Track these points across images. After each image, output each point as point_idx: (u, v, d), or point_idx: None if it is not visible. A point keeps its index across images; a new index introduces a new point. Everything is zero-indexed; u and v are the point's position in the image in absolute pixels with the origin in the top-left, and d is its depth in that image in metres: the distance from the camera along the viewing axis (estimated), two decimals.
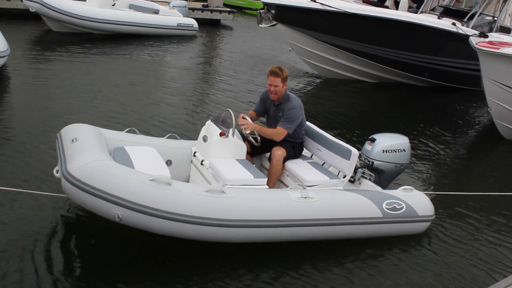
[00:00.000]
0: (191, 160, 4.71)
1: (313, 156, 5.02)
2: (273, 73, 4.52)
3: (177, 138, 4.90)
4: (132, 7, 14.07)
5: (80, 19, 12.45)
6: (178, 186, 3.63)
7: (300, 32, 10.56)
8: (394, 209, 4.33)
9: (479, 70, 7.98)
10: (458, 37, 9.85)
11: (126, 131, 4.70)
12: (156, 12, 14.38)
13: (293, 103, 4.59)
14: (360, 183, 4.84)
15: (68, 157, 3.70)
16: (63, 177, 3.57)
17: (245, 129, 4.41)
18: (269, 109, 4.80)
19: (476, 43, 7.67)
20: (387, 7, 13.13)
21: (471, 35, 8.43)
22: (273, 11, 10.23)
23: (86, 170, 3.51)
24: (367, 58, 10.99)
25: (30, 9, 12.08)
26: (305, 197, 3.97)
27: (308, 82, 11.18)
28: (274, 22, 10.55)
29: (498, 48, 7.55)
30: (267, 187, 4.13)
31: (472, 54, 7.92)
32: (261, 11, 10.53)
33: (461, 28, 10.01)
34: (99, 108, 7.14)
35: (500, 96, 7.94)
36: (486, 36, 8.51)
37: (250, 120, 4.57)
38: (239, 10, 22.35)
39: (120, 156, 4.06)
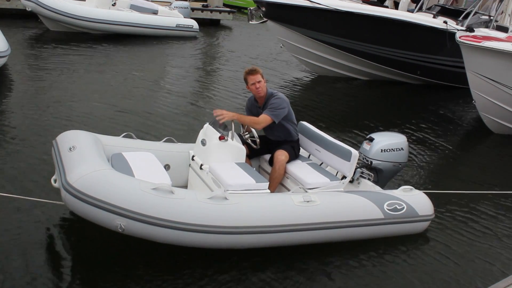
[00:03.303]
0: (189, 164, 4.66)
1: (311, 156, 5.00)
2: (250, 72, 4.53)
3: (174, 142, 4.84)
4: (133, 7, 13.93)
5: (75, 19, 12.30)
6: (180, 194, 3.58)
7: (290, 29, 10.52)
8: (395, 209, 4.34)
9: None
10: (449, 35, 9.88)
11: (123, 136, 4.63)
12: (155, 12, 14.19)
13: (277, 95, 4.59)
14: (359, 183, 4.84)
15: (67, 167, 3.62)
16: (63, 188, 3.49)
17: (221, 120, 4.27)
18: (257, 115, 4.65)
19: (460, 37, 7.73)
20: (386, 7, 13.12)
21: (458, 31, 8.48)
22: (263, 8, 10.17)
23: (87, 181, 3.44)
24: (359, 55, 10.98)
25: (27, 8, 12.04)
26: (308, 201, 3.96)
27: (301, 79, 11.17)
28: (264, 19, 10.52)
29: (479, 42, 7.61)
30: (268, 191, 4.10)
31: None
32: (252, 8, 10.49)
33: (452, 26, 10.03)
34: (96, 110, 7.05)
35: (484, 89, 8.05)
36: (472, 31, 8.56)
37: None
38: (239, 10, 22.18)
39: (119, 163, 4.00)
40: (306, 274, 3.84)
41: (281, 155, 4.48)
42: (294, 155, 4.68)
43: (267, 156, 4.77)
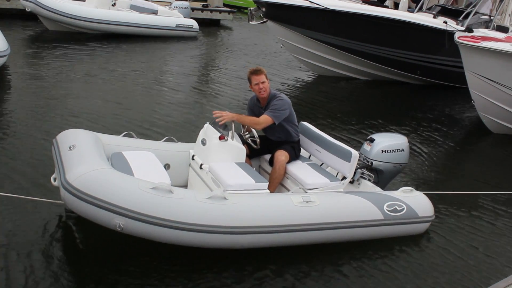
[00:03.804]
0: (189, 164, 4.65)
1: (311, 156, 4.99)
2: (255, 72, 4.52)
3: (174, 141, 4.84)
4: (132, 7, 13.94)
5: (74, 19, 12.31)
6: (179, 193, 3.57)
7: (290, 29, 10.53)
8: (395, 210, 4.32)
9: None
10: (448, 35, 9.87)
11: (123, 135, 4.63)
12: (154, 12, 14.17)
13: (280, 96, 4.58)
14: (359, 184, 4.83)
15: (67, 166, 3.62)
16: (62, 187, 3.48)
17: (221, 121, 4.24)
18: (259, 115, 4.63)
19: (458, 37, 7.74)
20: (386, 7, 13.12)
21: (457, 31, 8.49)
22: (263, 9, 10.18)
23: (85, 180, 3.43)
24: (359, 55, 10.98)
25: (26, 9, 12.07)
26: (307, 201, 3.94)
27: (302, 79, 11.17)
28: (264, 19, 10.53)
29: (478, 42, 7.63)
30: (268, 191, 4.09)
31: None
32: (252, 8, 10.50)
33: (452, 26, 10.02)
34: (96, 110, 7.05)
35: (482, 89, 8.06)
36: (471, 31, 8.56)
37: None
38: (239, 10, 22.17)
39: (118, 162, 3.99)
40: (305, 274, 3.83)
41: (281, 155, 4.47)
42: (294, 156, 4.67)
43: (267, 156, 4.76)
